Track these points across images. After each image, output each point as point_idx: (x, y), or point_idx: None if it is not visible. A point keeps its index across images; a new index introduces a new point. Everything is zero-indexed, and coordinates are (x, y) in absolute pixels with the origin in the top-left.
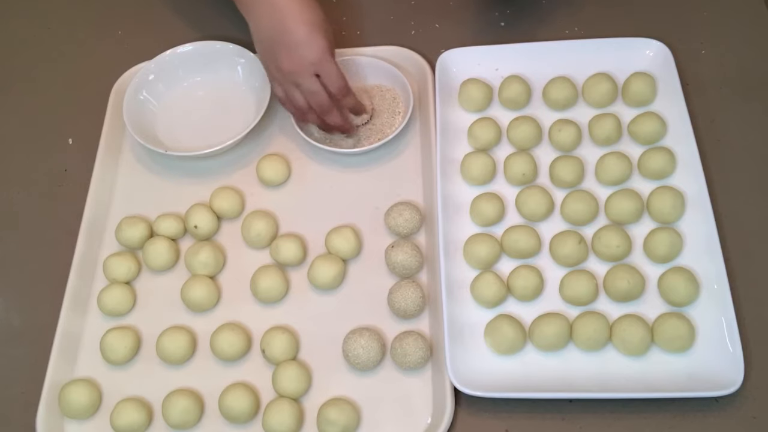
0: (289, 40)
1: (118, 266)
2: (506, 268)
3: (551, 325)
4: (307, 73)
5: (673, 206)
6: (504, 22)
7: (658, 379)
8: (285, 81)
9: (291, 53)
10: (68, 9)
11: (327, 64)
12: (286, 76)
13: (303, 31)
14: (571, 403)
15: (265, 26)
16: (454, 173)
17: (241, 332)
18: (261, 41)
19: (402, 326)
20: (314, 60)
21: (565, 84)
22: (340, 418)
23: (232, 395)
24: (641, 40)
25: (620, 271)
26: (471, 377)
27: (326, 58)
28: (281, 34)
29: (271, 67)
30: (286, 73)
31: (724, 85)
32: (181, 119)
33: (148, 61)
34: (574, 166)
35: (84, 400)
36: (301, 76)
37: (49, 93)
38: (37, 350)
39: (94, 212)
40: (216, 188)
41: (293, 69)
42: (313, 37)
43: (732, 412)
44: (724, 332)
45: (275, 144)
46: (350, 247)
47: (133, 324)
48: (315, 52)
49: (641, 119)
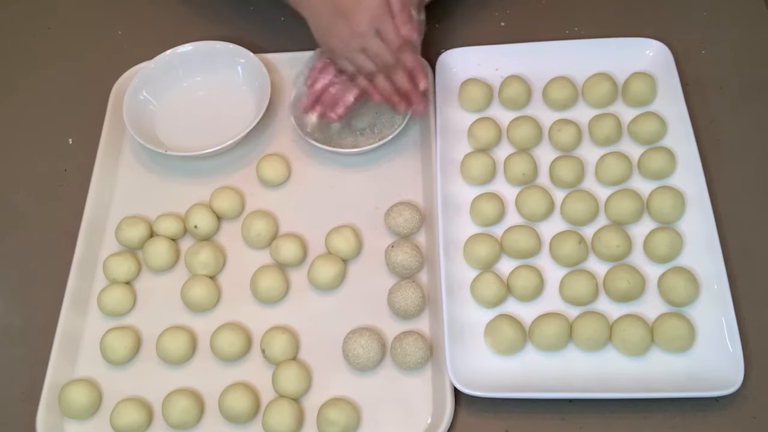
0: (344, 7)
1: (118, 266)
2: (506, 268)
3: (551, 325)
4: (368, 33)
5: (673, 206)
6: (504, 22)
7: (658, 379)
8: (350, 51)
9: (348, 19)
10: (68, 9)
11: (384, 19)
12: (349, 44)
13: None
14: (571, 403)
15: (319, 4)
16: (454, 173)
17: (241, 332)
18: (319, 23)
19: (402, 326)
20: (371, 18)
21: (565, 84)
22: (340, 418)
23: (232, 395)
24: (641, 40)
25: (620, 271)
26: (471, 377)
27: (381, 15)
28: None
29: (334, 43)
30: (349, 41)
31: (724, 85)
32: (181, 119)
33: (148, 61)
34: (574, 166)
35: (84, 400)
36: (363, 38)
37: (49, 93)
38: (37, 350)
39: (94, 212)
40: (216, 188)
41: (355, 33)
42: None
43: (732, 412)
44: (724, 332)
45: (275, 144)
46: (350, 247)
47: (133, 324)
48: (369, 11)
49: (641, 119)
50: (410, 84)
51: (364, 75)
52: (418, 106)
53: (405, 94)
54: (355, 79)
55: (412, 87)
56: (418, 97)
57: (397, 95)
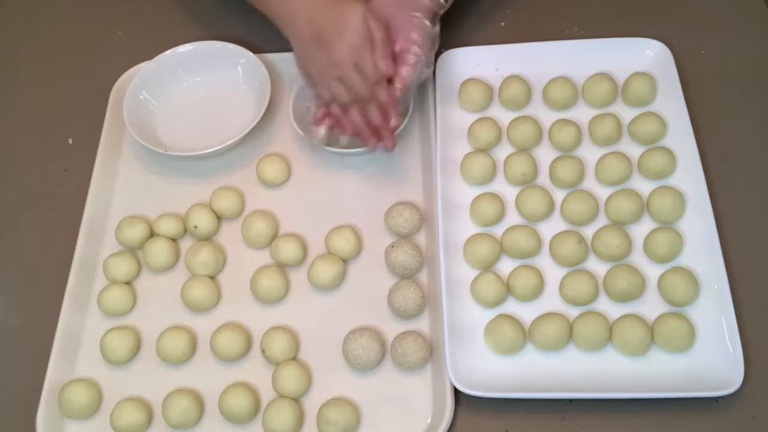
0: (326, 36)
1: (118, 266)
2: (506, 268)
3: (551, 325)
4: (347, 64)
5: (673, 206)
6: (504, 22)
7: (658, 379)
8: (327, 79)
9: (328, 49)
10: (68, 9)
11: (364, 53)
12: (327, 73)
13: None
14: (571, 403)
15: (302, 31)
16: (454, 173)
17: (241, 332)
18: (301, 49)
19: (402, 326)
20: (351, 50)
21: (565, 84)
22: (340, 418)
23: (232, 395)
24: (641, 40)
25: (620, 271)
26: (471, 377)
27: (361, 48)
28: (319, 32)
29: (312, 71)
30: (327, 70)
31: (724, 85)
32: (181, 119)
33: (148, 61)
34: (574, 166)
35: (84, 400)
36: (341, 69)
37: (49, 93)
38: (37, 350)
39: (94, 212)
40: (216, 188)
41: (333, 63)
42: (350, 27)
43: (732, 412)
44: (724, 332)
45: (275, 144)
46: (350, 247)
47: (133, 324)
48: (349, 43)
49: (641, 119)
50: (382, 120)
51: (338, 105)
52: (387, 143)
53: (375, 129)
54: (329, 107)
55: (383, 123)
56: (388, 134)
57: (368, 129)
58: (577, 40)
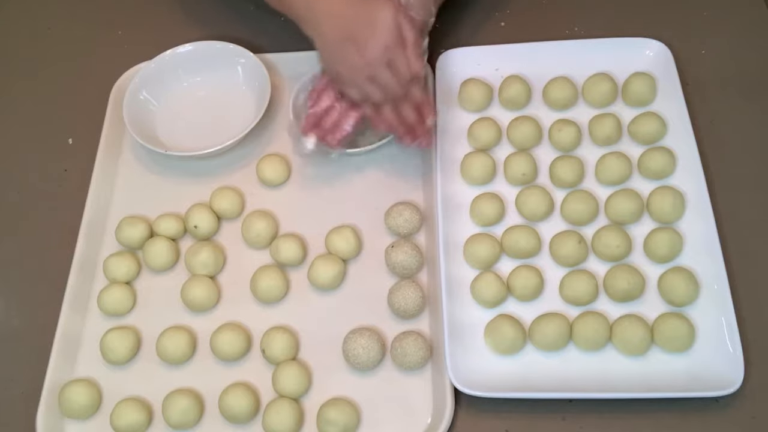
0: (357, 35)
1: (118, 266)
2: (506, 268)
3: (551, 325)
4: (379, 63)
5: (673, 206)
6: (504, 22)
7: (658, 379)
8: (359, 79)
9: (360, 47)
10: (68, 9)
11: (397, 51)
12: (359, 72)
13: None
14: (571, 403)
15: (330, 31)
16: (454, 173)
17: (241, 332)
18: (328, 48)
19: (402, 326)
20: (384, 48)
21: (565, 84)
22: (340, 418)
23: (232, 395)
24: (641, 40)
25: (620, 271)
26: (471, 377)
27: (394, 46)
28: (349, 31)
29: (342, 70)
30: (359, 69)
31: (724, 85)
32: (181, 119)
33: (148, 61)
34: (574, 166)
35: (84, 400)
36: (373, 68)
37: (49, 93)
38: (37, 350)
39: (94, 212)
40: (216, 188)
41: (365, 62)
42: (382, 26)
43: (732, 412)
44: (724, 332)
45: (275, 144)
46: (350, 247)
47: (133, 324)
48: (383, 41)
49: (641, 119)
50: (417, 118)
51: (370, 105)
52: (423, 141)
53: (410, 127)
54: (360, 105)
55: (419, 121)
56: (424, 132)
57: (402, 127)
58: (577, 40)
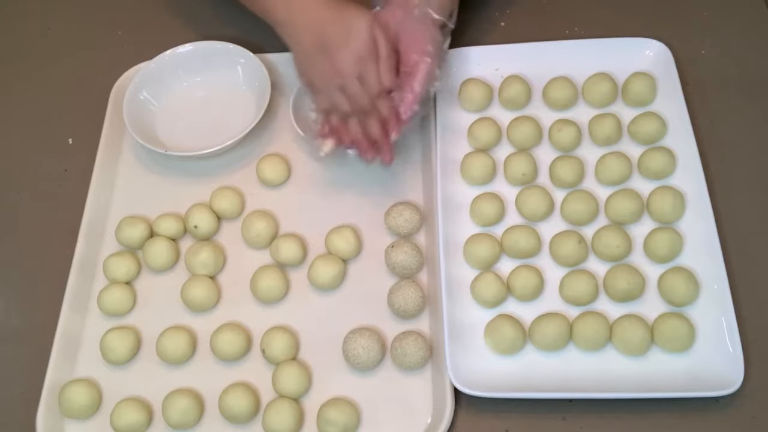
0: (330, 44)
1: (118, 266)
2: (506, 268)
3: (551, 325)
4: (350, 74)
5: (673, 206)
6: (504, 22)
7: (658, 379)
8: (329, 88)
9: (332, 57)
10: (68, 9)
11: (368, 64)
12: (329, 81)
13: (343, 33)
14: (571, 403)
15: (306, 38)
16: (454, 173)
17: (241, 332)
18: (303, 56)
19: (402, 326)
20: (355, 60)
21: (565, 84)
22: (340, 418)
23: (232, 395)
24: (641, 40)
25: (620, 271)
26: (471, 377)
27: (366, 58)
28: (324, 40)
29: (314, 78)
30: (329, 78)
31: (724, 85)
32: (181, 119)
33: (148, 61)
34: (574, 166)
35: (84, 400)
36: (343, 78)
37: (49, 93)
38: (37, 350)
39: (94, 212)
40: (216, 188)
41: (336, 72)
42: (355, 36)
43: (732, 412)
44: (724, 332)
45: (275, 144)
46: (350, 247)
47: (133, 324)
48: (354, 52)
49: (641, 119)
50: (382, 133)
51: (338, 115)
52: (385, 157)
53: (374, 142)
54: (329, 116)
55: (383, 137)
56: (387, 148)
57: (366, 142)
58: (577, 40)
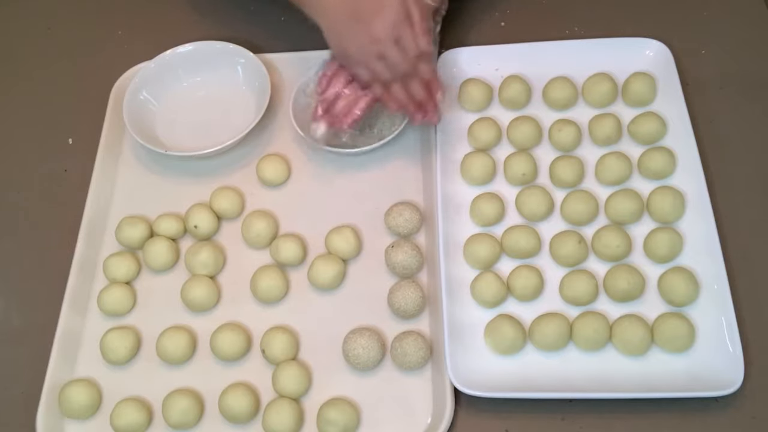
0: (364, 13)
1: (118, 266)
2: (506, 268)
3: (551, 325)
4: (387, 40)
5: (673, 206)
6: (504, 22)
7: (658, 379)
8: (367, 57)
9: (367, 26)
10: (68, 9)
11: (404, 28)
12: (367, 51)
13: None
14: (571, 403)
15: (336, 11)
16: (454, 173)
17: (241, 332)
18: (336, 29)
19: (402, 326)
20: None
21: (565, 84)
22: (340, 418)
23: (232, 395)
24: (641, 40)
25: (620, 271)
26: (471, 377)
27: (401, 23)
28: (355, 10)
29: (350, 50)
30: (367, 48)
31: (724, 85)
32: (181, 119)
33: (148, 61)
34: (574, 166)
35: (84, 400)
36: (381, 45)
37: (49, 93)
38: (37, 350)
39: (94, 212)
40: (216, 188)
41: (373, 40)
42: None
43: (732, 412)
44: (724, 332)
45: (275, 144)
46: (350, 247)
47: (133, 324)
48: (390, 18)
49: (641, 119)
50: (426, 95)
51: (379, 83)
52: (433, 117)
53: (420, 104)
54: (369, 86)
55: (428, 98)
56: (433, 108)
57: (412, 105)
58: (577, 40)
